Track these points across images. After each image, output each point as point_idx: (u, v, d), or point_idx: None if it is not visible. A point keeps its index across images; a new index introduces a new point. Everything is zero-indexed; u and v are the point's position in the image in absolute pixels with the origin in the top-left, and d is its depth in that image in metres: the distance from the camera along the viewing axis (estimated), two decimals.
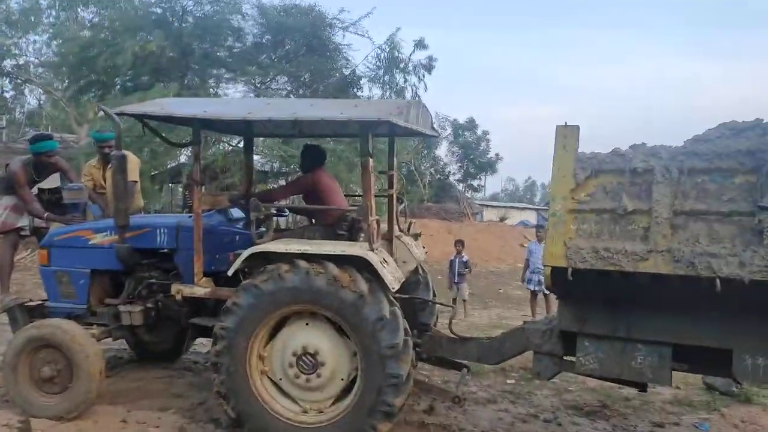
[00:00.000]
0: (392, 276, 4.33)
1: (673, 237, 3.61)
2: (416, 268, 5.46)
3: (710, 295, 3.50)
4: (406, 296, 4.92)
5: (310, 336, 4.41)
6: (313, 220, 5.61)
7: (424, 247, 5.83)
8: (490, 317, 11.51)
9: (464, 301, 10.95)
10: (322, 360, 4.36)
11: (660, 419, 5.58)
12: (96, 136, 6.83)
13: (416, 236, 5.70)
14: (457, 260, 10.87)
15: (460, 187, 37.56)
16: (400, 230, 5.51)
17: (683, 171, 3.63)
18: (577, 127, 3.94)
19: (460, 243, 11.25)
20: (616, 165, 3.79)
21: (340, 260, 4.27)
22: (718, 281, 3.44)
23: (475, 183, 42.09)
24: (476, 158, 39.22)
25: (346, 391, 4.39)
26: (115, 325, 5.24)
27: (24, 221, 6.24)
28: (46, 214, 6.09)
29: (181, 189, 22.93)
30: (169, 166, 19.04)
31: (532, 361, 4.67)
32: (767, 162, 3.42)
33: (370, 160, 4.48)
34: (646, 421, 5.53)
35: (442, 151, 38.15)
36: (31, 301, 5.69)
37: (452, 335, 5.13)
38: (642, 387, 4.61)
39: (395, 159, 5.66)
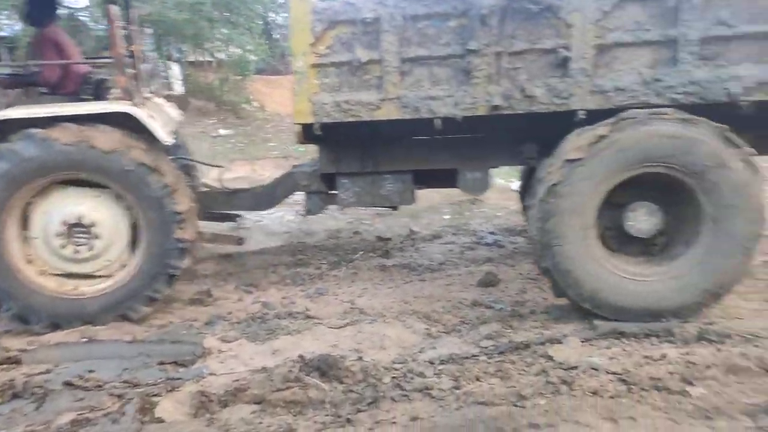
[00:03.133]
0: (163, 130, 4.19)
1: (402, 84, 3.99)
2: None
3: (437, 130, 4.06)
4: (173, 158, 4.83)
5: (59, 207, 4.16)
6: (44, 89, 4.88)
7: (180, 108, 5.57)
8: None
9: None
10: (90, 222, 4.16)
11: None
12: None
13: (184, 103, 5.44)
14: None
15: None
16: (151, 93, 5.11)
17: (407, 17, 3.90)
18: None
19: None
20: (348, 15, 3.93)
21: (101, 120, 4.02)
22: (438, 121, 3.99)
23: None
24: None
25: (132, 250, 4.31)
26: None
27: None
28: None
29: None
30: None
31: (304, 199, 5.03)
32: (474, 5, 3.82)
33: (115, 6, 4.15)
34: None
35: None
36: None
37: (225, 188, 5.30)
38: (393, 208, 5.30)
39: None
